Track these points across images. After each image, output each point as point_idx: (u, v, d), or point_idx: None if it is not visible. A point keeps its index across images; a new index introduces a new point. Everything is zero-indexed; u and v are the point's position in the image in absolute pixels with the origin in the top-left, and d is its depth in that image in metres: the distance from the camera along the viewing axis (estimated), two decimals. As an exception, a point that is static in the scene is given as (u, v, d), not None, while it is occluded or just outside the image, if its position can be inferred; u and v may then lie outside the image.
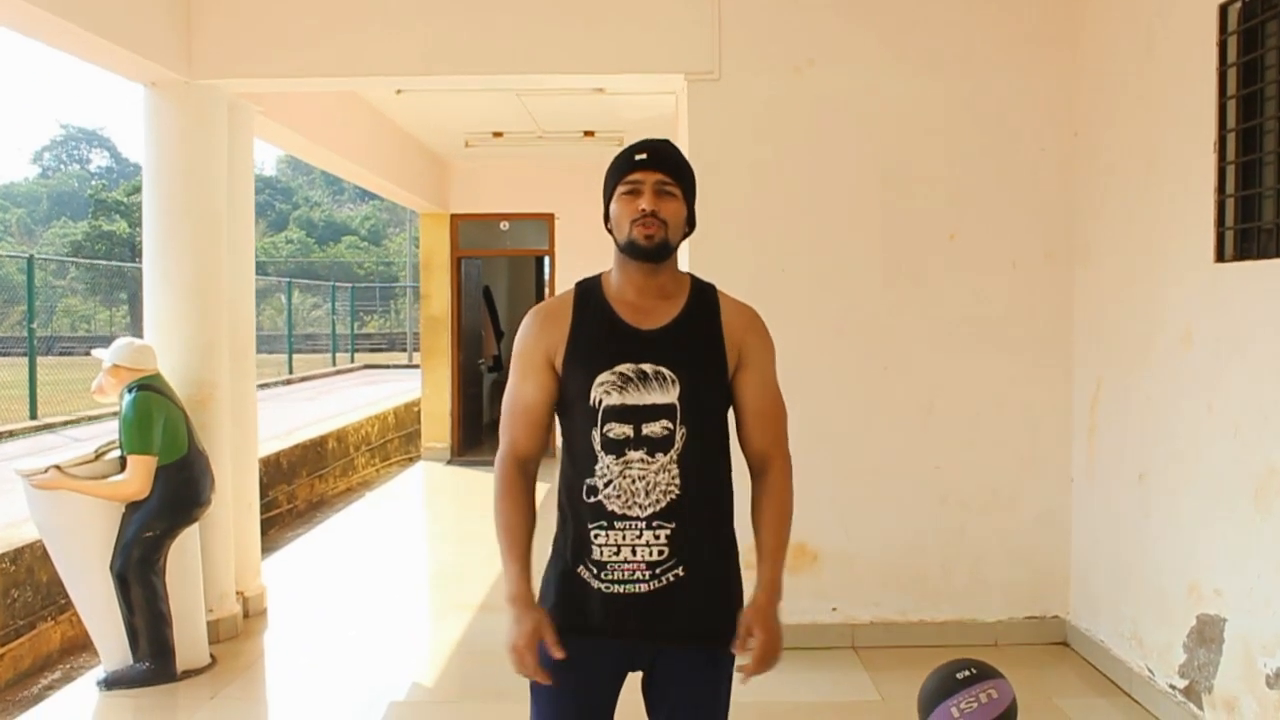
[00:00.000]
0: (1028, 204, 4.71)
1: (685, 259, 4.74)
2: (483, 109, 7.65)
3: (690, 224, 2.08)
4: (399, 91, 6.73)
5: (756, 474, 2.13)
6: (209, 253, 4.80)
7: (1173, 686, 3.82)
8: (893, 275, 4.72)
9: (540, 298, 10.85)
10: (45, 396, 12.06)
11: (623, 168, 2.04)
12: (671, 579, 1.97)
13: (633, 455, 1.95)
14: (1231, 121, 3.51)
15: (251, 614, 5.26)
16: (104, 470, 4.38)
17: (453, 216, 10.53)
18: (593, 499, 1.97)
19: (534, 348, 2.06)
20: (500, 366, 13.04)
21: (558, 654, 1.94)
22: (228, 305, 4.99)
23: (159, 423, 4.29)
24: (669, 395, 1.96)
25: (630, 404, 1.96)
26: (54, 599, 5.36)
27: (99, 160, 58.64)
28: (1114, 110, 4.36)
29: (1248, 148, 3.48)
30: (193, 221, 4.75)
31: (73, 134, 59.74)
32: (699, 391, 1.98)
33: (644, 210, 1.98)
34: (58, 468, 4.21)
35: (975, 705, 2.11)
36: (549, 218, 10.38)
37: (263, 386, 19.60)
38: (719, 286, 2.15)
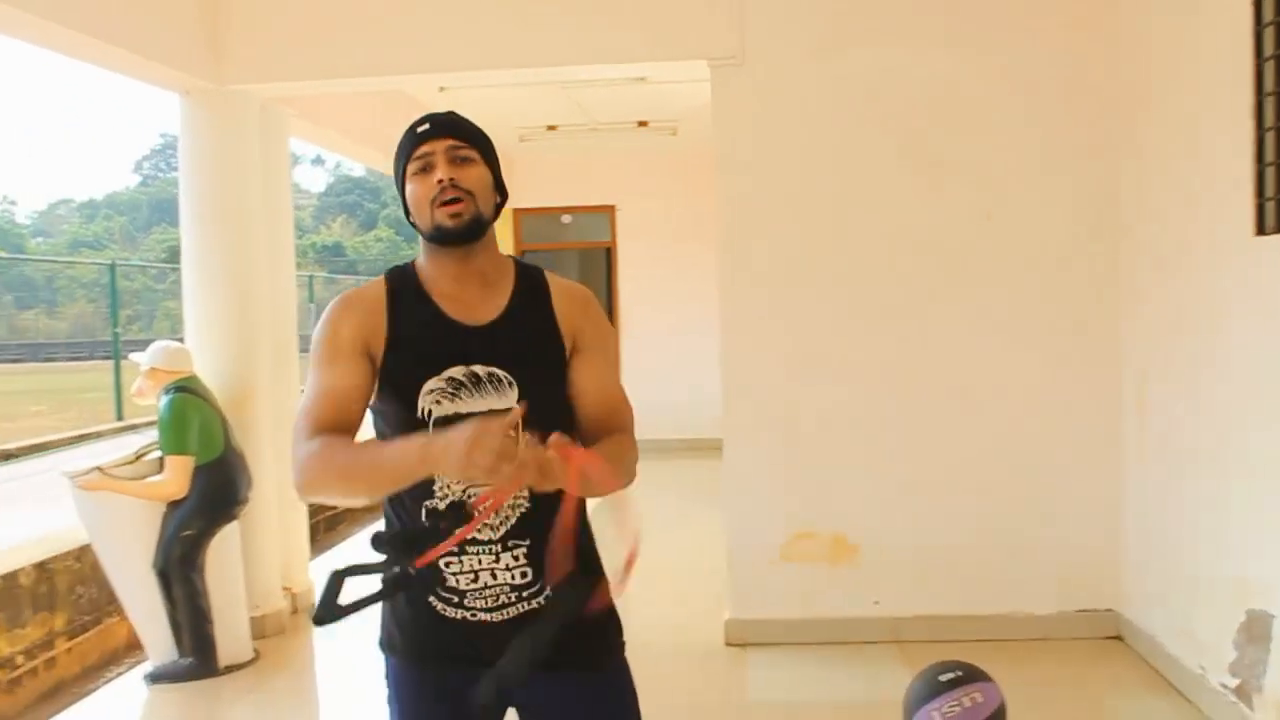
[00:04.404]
0: (1069, 182, 4.51)
1: (715, 244, 4.67)
2: (532, 103, 7.62)
3: (501, 192, 1.80)
4: (442, 89, 6.74)
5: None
6: (245, 254, 4.88)
7: (1224, 685, 3.61)
8: (928, 259, 4.56)
9: (610, 290, 10.79)
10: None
11: (408, 145, 1.77)
12: (538, 605, 1.75)
13: None
14: (1270, 84, 3.28)
15: (300, 610, 5.34)
16: (144, 471, 4.49)
17: (514, 210, 10.55)
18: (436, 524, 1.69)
19: (349, 335, 1.74)
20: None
21: None
22: (268, 305, 5.07)
23: (194, 424, 4.37)
24: (506, 399, 1.72)
25: (464, 412, 1.70)
26: (118, 596, 5.52)
27: (196, 167, 60.54)
28: (1154, 81, 4.14)
29: (1290, 112, 3.26)
30: (227, 224, 4.83)
31: (170, 141, 61.86)
32: (540, 392, 1.73)
33: (441, 181, 1.71)
34: (99, 469, 4.33)
35: (958, 709, 2.01)
36: (610, 209, 10.34)
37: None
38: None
